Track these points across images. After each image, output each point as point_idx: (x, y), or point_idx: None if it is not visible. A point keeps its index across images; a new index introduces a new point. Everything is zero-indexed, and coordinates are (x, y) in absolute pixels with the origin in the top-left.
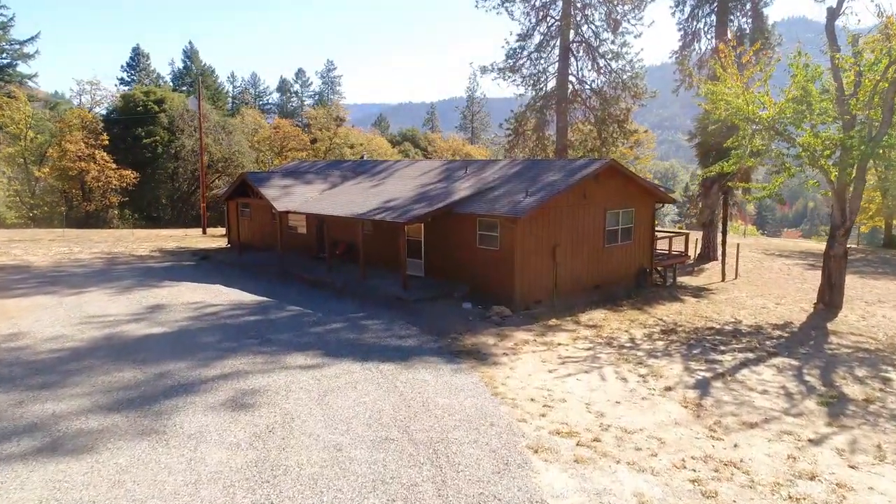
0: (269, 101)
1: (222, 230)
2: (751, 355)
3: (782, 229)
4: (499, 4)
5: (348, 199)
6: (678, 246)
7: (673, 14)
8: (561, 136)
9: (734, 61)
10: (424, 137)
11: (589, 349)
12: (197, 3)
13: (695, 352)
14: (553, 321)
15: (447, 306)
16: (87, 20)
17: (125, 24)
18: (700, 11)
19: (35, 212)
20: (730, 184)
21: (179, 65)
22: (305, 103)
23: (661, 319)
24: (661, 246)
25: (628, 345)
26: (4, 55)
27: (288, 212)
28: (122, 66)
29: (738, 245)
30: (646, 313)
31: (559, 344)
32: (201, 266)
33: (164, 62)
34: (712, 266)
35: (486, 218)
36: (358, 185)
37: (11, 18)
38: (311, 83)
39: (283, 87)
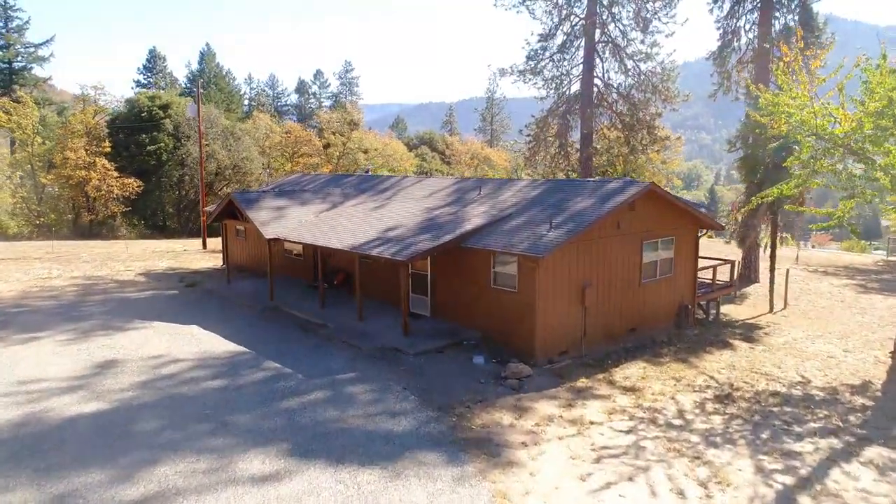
0: (287, 103)
1: None
2: (835, 442)
3: (810, 231)
4: (519, 3)
5: (346, 225)
6: (722, 273)
7: (710, 11)
8: (585, 144)
9: (801, 66)
10: (442, 140)
11: (629, 430)
12: (217, 3)
13: (763, 435)
14: (582, 381)
15: (455, 361)
16: (105, 22)
17: (146, 25)
18: (741, 8)
19: (41, 220)
20: (787, 207)
21: (196, 66)
22: (323, 105)
23: (711, 377)
24: (703, 273)
25: (677, 422)
26: (20, 58)
27: (278, 239)
28: (138, 69)
29: (786, 271)
30: (692, 367)
31: (592, 422)
32: (184, 297)
33: (181, 64)
34: (755, 290)
35: (502, 254)
36: (359, 205)
37: (27, 21)
38: (330, 84)
39: (301, 88)
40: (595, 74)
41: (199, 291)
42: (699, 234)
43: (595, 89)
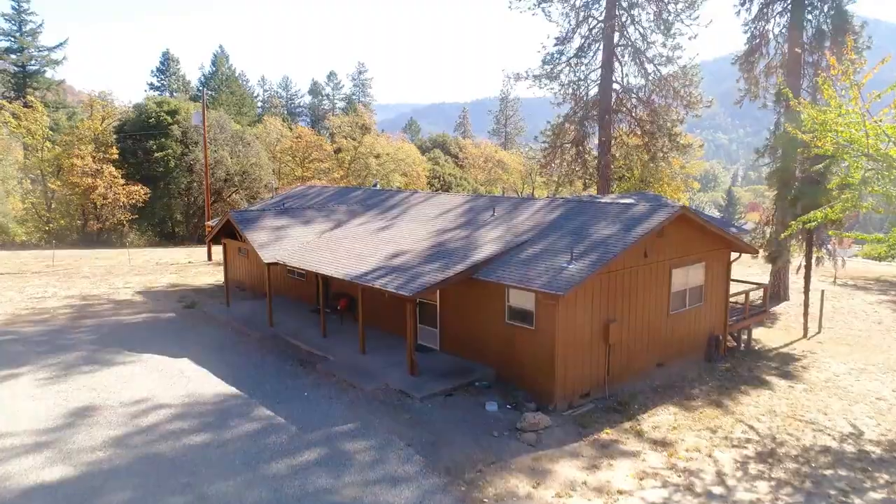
0: (301, 104)
1: None
2: None
3: (829, 236)
4: (535, 5)
5: (350, 248)
6: (751, 293)
7: (737, 14)
8: (604, 152)
9: (852, 82)
10: (455, 143)
11: (664, 502)
12: (232, 5)
13: None
14: (606, 432)
15: (465, 408)
16: (120, 24)
17: (161, 26)
18: (769, 10)
19: (51, 226)
20: (831, 232)
21: (209, 69)
22: (337, 106)
23: (750, 427)
24: (734, 297)
25: (718, 490)
26: (33, 62)
27: (276, 263)
28: (151, 71)
29: (821, 293)
30: (727, 412)
31: (620, 492)
32: (180, 322)
33: (195, 66)
34: (786, 309)
35: (518, 289)
36: (365, 225)
37: (40, 25)
38: (343, 86)
39: (314, 89)
40: (614, 79)
41: (196, 315)
42: (732, 259)
43: (613, 94)
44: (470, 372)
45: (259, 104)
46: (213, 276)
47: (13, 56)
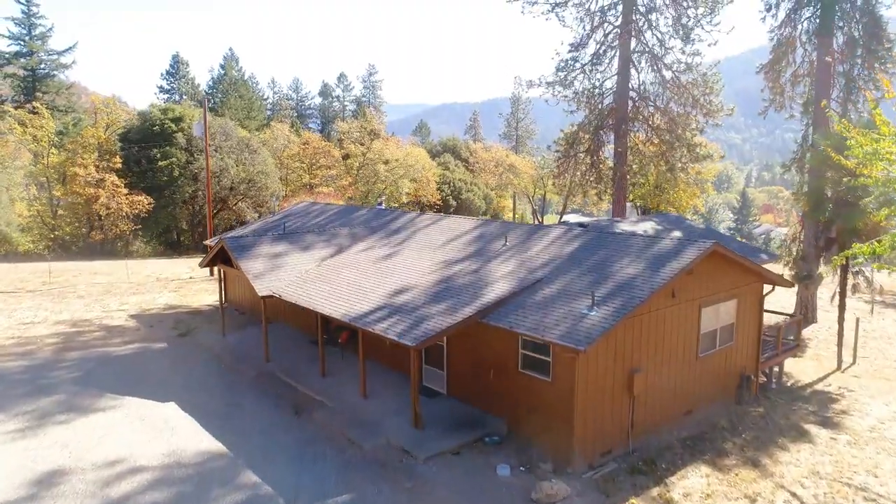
0: (311, 106)
1: None
2: None
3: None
4: (548, 10)
5: (351, 280)
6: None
7: (763, 20)
8: (620, 163)
9: None
10: (466, 147)
11: None
12: (241, 8)
13: None
14: (633, 502)
15: (474, 470)
16: (131, 26)
17: (171, 28)
18: (797, 16)
19: (56, 233)
20: (876, 266)
21: (218, 71)
22: (347, 108)
23: (793, 494)
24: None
25: None
26: (43, 66)
27: (272, 296)
28: (161, 74)
29: (856, 322)
30: (765, 473)
31: None
32: (172, 354)
33: (205, 68)
34: (814, 333)
35: (532, 339)
36: (368, 251)
37: (50, 29)
38: (353, 87)
39: (325, 91)
40: (630, 87)
41: (189, 346)
42: (765, 293)
43: (630, 102)
44: (479, 424)
45: (268, 107)
46: (213, 293)
47: (22, 60)
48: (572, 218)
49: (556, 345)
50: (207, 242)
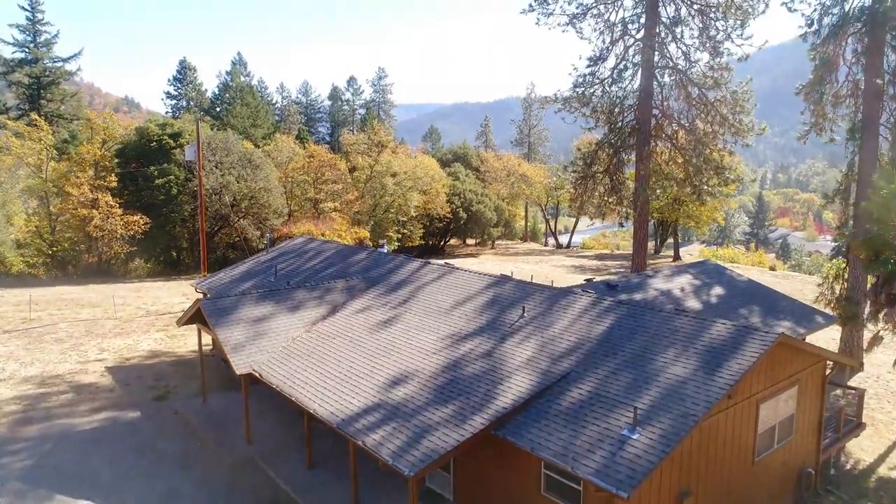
0: (321, 110)
1: None
2: None
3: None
4: (566, 23)
5: (342, 359)
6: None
7: (804, 38)
8: (642, 187)
9: None
10: (477, 156)
11: None
12: (251, 13)
13: None
14: None
15: None
16: (140, 32)
17: (179, 34)
18: (842, 32)
19: (55, 248)
20: None
21: (225, 77)
22: (357, 112)
23: None
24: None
25: None
26: (47, 73)
27: (251, 375)
28: (168, 80)
29: None
30: None
31: None
32: (142, 430)
33: (212, 74)
34: (861, 383)
35: (560, 469)
36: (365, 312)
37: (55, 35)
38: (363, 91)
39: (334, 95)
40: (653, 104)
41: (164, 416)
42: (827, 373)
43: (653, 120)
44: None
45: (276, 112)
46: (204, 334)
47: (27, 67)
48: (586, 239)
49: (591, 483)
50: (193, 283)
